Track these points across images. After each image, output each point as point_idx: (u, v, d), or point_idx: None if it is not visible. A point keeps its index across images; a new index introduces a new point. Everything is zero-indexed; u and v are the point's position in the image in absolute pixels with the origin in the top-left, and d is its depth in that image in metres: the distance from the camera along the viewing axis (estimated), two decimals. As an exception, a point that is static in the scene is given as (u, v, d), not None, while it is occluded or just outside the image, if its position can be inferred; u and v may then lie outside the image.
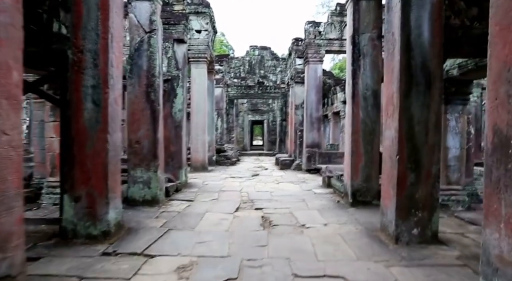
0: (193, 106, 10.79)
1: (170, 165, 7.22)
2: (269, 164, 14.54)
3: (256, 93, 21.62)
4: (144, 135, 5.34)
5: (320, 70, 10.87)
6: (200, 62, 10.75)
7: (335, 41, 10.67)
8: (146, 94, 5.33)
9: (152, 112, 5.35)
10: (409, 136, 3.46)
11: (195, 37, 10.65)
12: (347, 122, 5.54)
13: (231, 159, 13.64)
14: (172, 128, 7.21)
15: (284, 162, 12.00)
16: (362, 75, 5.30)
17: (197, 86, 10.75)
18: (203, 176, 9.62)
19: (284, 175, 10.04)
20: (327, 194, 6.51)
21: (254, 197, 6.26)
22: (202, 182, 8.26)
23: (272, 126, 26.94)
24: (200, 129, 10.76)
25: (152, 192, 5.36)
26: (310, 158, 10.37)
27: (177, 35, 7.25)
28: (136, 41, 5.31)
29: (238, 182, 8.42)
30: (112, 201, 3.64)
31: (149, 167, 5.35)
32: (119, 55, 3.76)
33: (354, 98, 5.32)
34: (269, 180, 8.95)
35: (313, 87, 10.78)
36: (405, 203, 3.47)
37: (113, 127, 3.61)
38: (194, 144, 10.82)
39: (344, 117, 13.02)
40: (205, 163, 10.92)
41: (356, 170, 5.32)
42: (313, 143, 10.74)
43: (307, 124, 10.85)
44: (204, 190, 7.09)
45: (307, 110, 10.84)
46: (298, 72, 14.46)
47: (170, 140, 7.21)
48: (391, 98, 3.61)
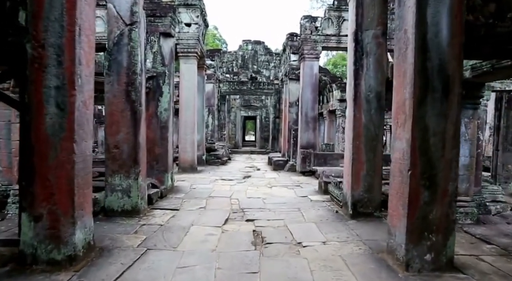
0: (181, 104, 10.27)
1: (155, 169, 6.74)
2: (262, 163, 14.10)
3: (249, 89, 21.12)
4: (123, 138, 4.84)
5: (317, 67, 10.42)
6: (190, 58, 10.23)
7: (332, 37, 10.21)
8: (126, 94, 4.83)
9: (133, 113, 4.85)
10: (423, 149, 3.03)
11: (185, 31, 10.12)
12: (347, 126, 5.11)
13: (222, 159, 13.17)
14: (157, 129, 6.71)
15: (278, 163, 11.57)
16: (365, 75, 4.86)
17: (186, 82, 10.24)
18: (191, 178, 9.15)
19: (278, 178, 9.61)
20: (324, 202, 6.08)
21: (245, 206, 5.81)
22: (190, 186, 7.79)
23: (265, 122, 26.45)
24: (189, 127, 10.27)
25: (132, 202, 4.88)
26: (305, 160, 9.95)
27: (164, 28, 6.73)
28: (115, 35, 4.80)
29: (229, 186, 7.97)
30: (80, 220, 3.16)
31: (129, 174, 4.87)
32: (90, 51, 3.26)
33: (356, 100, 4.88)
34: (261, 183, 8.51)
35: (309, 85, 10.33)
36: (417, 225, 3.05)
37: (81, 135, 3.12)
38: (182, 144, 10.33)
39: (340, 116, 12.62)
40: (194, 164, 10.44)
41: (357, 179, 4.90)
42: (308, 143, 10.31)
43: (302, 123, 10.41)
44: (191, 195, 6.62)
45: (302, 109, 10.40)
46: (292, 68, 14.05)
47: (155, 142, 6.72)
48: (403, 105, 3.17)
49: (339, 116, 12.73)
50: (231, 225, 4.63)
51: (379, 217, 4.89)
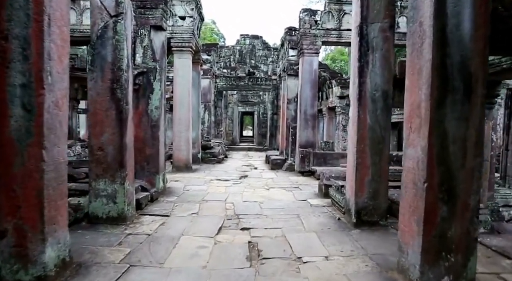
0: (176, 100, 9.88)
1: (146, 170, 6.37)
2: (259, 162, 13.74)
3: (246, 84, 20.71)
4: (108, 140, 4.47)
5: (316, 63, 10.04)
6: (184, 52, 9.82)
7: (332, 31, 9.82)
8: (111, 91, 4.44)
9: (119, 113, 4.48)
10: (442, 158, 2.68)
11: (179, 24, 9.71)
12: (351, 128, 4.74)
13: (218, 157, 12.81)
14: (147, 128, 6.33)
15: (275, 162, 11.22)
16: (370, 72, 4.49)
17: (180, 78, 9.84)
18: (186, 178, 8.79)
19: (275, 178, 9.26)
20: (325, 207, 5.74)
21: (241, 211, 5.46)
22: (183, 187, 7.43)
23: (262, 118, 26.12)
24: (184, 125, 9.89)
25: (118, 208, 4.51)
26: (304, 159, 9.60)
27: (155, 21, 6.33)
28: (98, 27, 4.41)
29: (224, 187, 7.61)
30: (52, 236, 2.80)
31: (114, 178, 4.50)
32: (63, 45, 2.88)
33: (360, 100, 4.51)
34: (258, 184, 8.15)
35: (308, 81, 9.96)
36: (434, 244, 2.71)
37: (52, 140, 2.75)
38: (176, 142, 9.95)
39: (340, 113, 12.26)
40: (188, 162, 10.07)
41: (362, 184, 4.55)
42: (307, 142, 9.95)
43: (301, 121, 10.04)
44: (184, 199, 6.26)
45: (301, 106, 10.03)
46: (291, 64, 13.65)
47: (146, 142, 6.34)
48: (417, 108, 2.81)
49: (339, 113, 12.37)
50: (225, 235, 4.28)
51: (385, 226, 4.55)
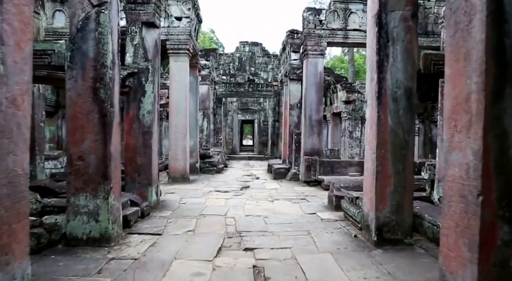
0: (172, 106, 9.36)
1: (137, 182, 5.80)
2: (261, 171, 13.17)
3: (247, 91, 20.25)
4: (90, 148, 3.91)
5: (321, 65, 9.54)
6: (181, 55, 9.33)
7: (338, 31, 9.34)
8: (93, 91, 3.90)
9: (102, 116, 3.93)
10: (501, 165, 2.12)
11: (175, 25, 9.24)
12: (369, 131, 4.19)
13: (217, 166, 12.24)
14: (139, 135, 5.78)
15: (279, 171, 10.64)
16: (391, 67, 3.95)
17: (176, 82, 9.33)
18: (182, 189, 8.21)
19: (279, 188, 8.68)
20: (337, 222, 5.15)
21: (243, 227, 4.87)
22: (179, 200, 6.85)
23: (263, 126, 25.63)
24: (180, 132, 9.34)
25: (101, 227, 3.93)
26: (310, 168, 9.03)
27: (146, 17, 5.82)
28: (79, 18, 3.88)
29: (224, 200, 7.03)
30: (3, 270, 2.22)
31: (96, 192, 3.93)
32: (23, 29, 2.34)
33: (380, 98, 3.96)
34: (261, 195, 7.57)
35: (313, 84, 9.44)
36: (493, 275, 2.13)
37: (5, 146, 2.20)
38: (172, 151, 9.40)
39: (346, 119, 11.73)
40: (185, 173, 9.50)
41: (383, 196, 3.98)
42: (313, 149, 9.39)
43: (305, 127, 9.50)
44: (179, 213, 5.68)
45: (306, 111, 9.50)
46: (293, 68, 13.21)
47: (137, 150, 5.78)
48: (465, 101, 2.26)
49: (345, 119, 11.85)
50: (225, 257, 3.69)
51: (411, 245, 3.96)
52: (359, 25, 9.31)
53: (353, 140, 11.22)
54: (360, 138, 11.40)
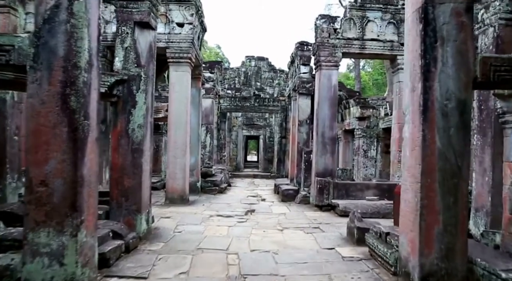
0: (171, 120, 8.58)
1: (124, 208, 4.95)
2: (267, 191, 12.27)
3: (252, 105, 19.54)
4: (56, 170, 3.09)
5: (335, 78, 8.76)
6: (182, 64, 8.60)
7: (354, 41, 8.60)
8: (62, 99, 3.10)
9: (72, 130, 3.12)
10: None
11: (176, 32, 8.55)
12: (410, 155, 3.33)
13: (220, 186, 11.37)
14: (127, 153, 4.97)
15: (287, 193, 9.75)
16: (440, 74, 3.13)
17: (177, 94, 8.57)
18: (180, 213, 7.35)
19: (289, 213, 7.78)
20: (363, 262, 4.25)
21: (249, 268, 3.99)
22: (175, 227, 5.99)
23: (269, 142, 24.87)
24: (180, 149, 8.53)
25: (66, 272, 3.08)
26: (322, 191, 8.13)
27: (140, 16, 5.08)
28: (47, 7, 3.11)
29: (226, 228, 6.15)
30: None
31: (62, 227, 3.09)
32: None
33: (425, 113, 3.13)
34: (269, 223, 6.68)
35: (326, 99, 8.64)
36: None
37: None
38: (171, 169, 8.57)
39: (360, 137, 10.88)
40: (184, 194, 8.65)
41: (429, 238, 3.11)
42: (325, 170, 8.53)
43: (317, 145, 8.66)
44: (173, 247, 4.82)
45: (318, 128, 8.67)
46: (303, 81, 12.54)
47: (124, 170, 4.96)
48: None
49: (359, 136, 11.00)
50: (224, 319, 2.82)
51: (467, 303, 3.07)
52: (377, 34, 8.58)
53: (368, 160, 10.35)
54: (376, 157, 10.53)
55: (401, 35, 8.56)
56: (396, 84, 8.83)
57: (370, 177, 10.18)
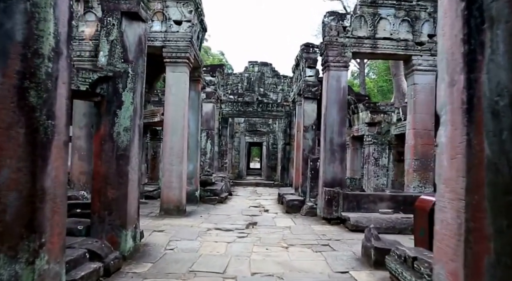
0: (167, 124, 8.00)
1: (107, 223, 4.36)
2: (270, 201, 11.64)
3: (255, 110, 19.00)
4: (9, 181, 2.49)
5: (345, 79, 8.17)
6: (179, 64, 8.05)
7: (365, 40, 8.03)
8: (19, 93, 2.52)
9: (31, 132, 2.53)
10: None
11: (173, 30, 8.02)
12: (448, 164, 2.71)
13: (220, 195, 10.74)
14: (111, 159, 4.38)
15: (292, 204, 9.11)
16: (488, 63, 2.51)
17: (173, 97, 8.01)
18: (174, 226, 6.74)
19: (294, 227, 7.15)
20: (384, 291, 3.63)
21: (248, 299, 3.38)
22: (167, 244, 5.38)
23: (272, 149, 24.32)
24: (176, 155, 7.95)
25: (20, 310, 2.48)
26: (331, 202, 7.49)
27: (128, 5, 4.52)
28: (2, -20, 2.56)
29: (224, 244, 5.53)
30: None
31: (16, 252, 2.48)
32: None
33: (470, 113, 2.51)
34: (272, 238, 6.06)
35: (335, 102, 8.04)
36: None
37: None
38: (166, 177, 7.98)
39: (371, 144, 10.26)
40: (181, 204, 8.04)
41: (476, 270, 2.47)
42: (334, 179, 7.90)
43: (325, 152, 8.04)
44: (162, 269, 4.20)
45: (326, 133, 8.06)
46: (308, 85, 12.01)
47: (108, 180, 4.37)
48: None
49: (369, 143, 10.37)
50: None
51: None
52: (390, 33, 8.00)
53: (379, 168, 9.72)
54: (387, 166, 9.89)
55: (416, 33, 7.99)
56: (411, 87, 8.23)
57: (382, 187, 9.54)
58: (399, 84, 19.10)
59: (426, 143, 8.03)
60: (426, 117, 8.04)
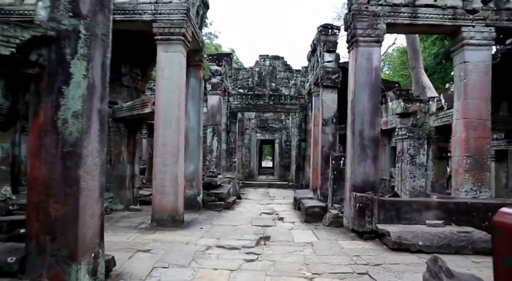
0: (158, 115, 6.65)
1: (48, 253, 2.99)
2: (284, 206, 10.21)
3: (267, 104, 17.60)
4: None
5: (377, 57, 6.68)
6: (173, 42, 6.68)
7: (402, 8, 6.55)
8: None
9: None
10: None
11: (165, 1, 6.64)
12: None
13: (227, 200, 9.35)
14: (55, 160, 3.01)
15: (312, 211, 7.65)
16: None
17: (165, 81, 6.64)
18: (166, 243, 5.39)
19: (317, 244, 5.70)
20: None
21: None
22: (147, 275, 3.99)
23: (285, 147, 22.93)
24: (170, 154, 6.58)
25: None
26: (364, 211, 6.01)
27: None
28: None
29: (227, 273, 4.13)
30: None
31: None
32: None
33: None
34: (290, 263, 4.61)
35: (366, 85, 6.57)
36: None
37: None
38: (158, 180, 6.62)
39: (405, 138, 8.73)
40: (176, 213, 6.67)
41: None
42: (365, 182, 6.44)
43: (354, 149, 6.58)
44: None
45: (355, 125, 6.59)
46: (327, 72, 10.59)
47: (49, 190, 2.99)
48: None
49: (403, 137, 8.83)
50: None
51: None
52: (434, -2, 6.50)
53: (416, 168, 8.19)
54: (426, 164, 8.37)
55: (467, -2, 6.48)
56: (460, 66, 6.70)
57: (420, 190, 8.03)
58: (418, 77, 17.54)
59: (481, 136, 6.51)
60: (480, 103, 6.52)
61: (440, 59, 22.42)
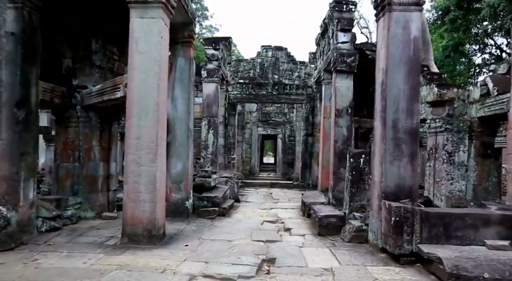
0: (131, 100, 5.22)
1: None
2: (291, 211, 8.79)
3: (270, 94, 16.18)
4: None
5: (417, 26, 5.20)
6: (151, 6, 5.24)
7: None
8: None
9: None
10: None
11: (141, -50, 5.18)
12: None
13: (222, 205, 7.92)
14: None
15: (327, 222, 6.20)
16: None
17: (141, 56, 5.21)
18: (132, 272, 4.00)
19: (338, 269, 4.28)
20: None
21: None
22: None
23: (289, 142, 21.58)
24: (147, 150, 5.16)
25: None
26: (402, 226, 4.56)
27: None
28: None
29: None
30: None
31: None
32: None
33: None
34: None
35: (401, 61, 5.12)
36: None
37: None
38: (130, 184, 5.20)
39: (441, 131, 7.25)
40: (155, 226, 5.24)
41: None
42: (400, 188, 5.01)
43: (386, 144, 5.13)
44: None
45: (387, 113, 5.14)
46: (342, 54, 9.27)
47: None
48: None
49: (436, 131, 7.34)
50: None
51: None
52: None
53: (455, 168, 6.73)
54: (467, 164, 6.92)
55: None
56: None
57: (459, 195, 6.59)
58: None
59: (551, 127, 5.09)
60: (549, 86, 5.08)
61: (449, 52, 21.32)
